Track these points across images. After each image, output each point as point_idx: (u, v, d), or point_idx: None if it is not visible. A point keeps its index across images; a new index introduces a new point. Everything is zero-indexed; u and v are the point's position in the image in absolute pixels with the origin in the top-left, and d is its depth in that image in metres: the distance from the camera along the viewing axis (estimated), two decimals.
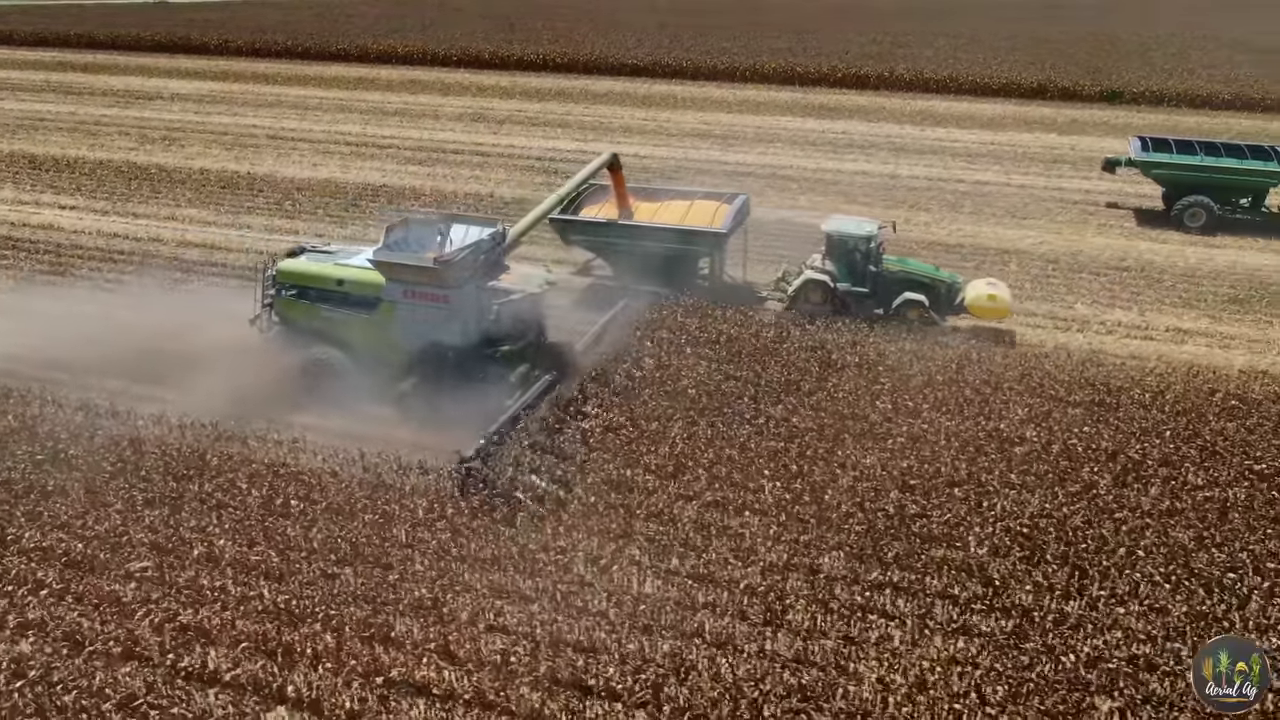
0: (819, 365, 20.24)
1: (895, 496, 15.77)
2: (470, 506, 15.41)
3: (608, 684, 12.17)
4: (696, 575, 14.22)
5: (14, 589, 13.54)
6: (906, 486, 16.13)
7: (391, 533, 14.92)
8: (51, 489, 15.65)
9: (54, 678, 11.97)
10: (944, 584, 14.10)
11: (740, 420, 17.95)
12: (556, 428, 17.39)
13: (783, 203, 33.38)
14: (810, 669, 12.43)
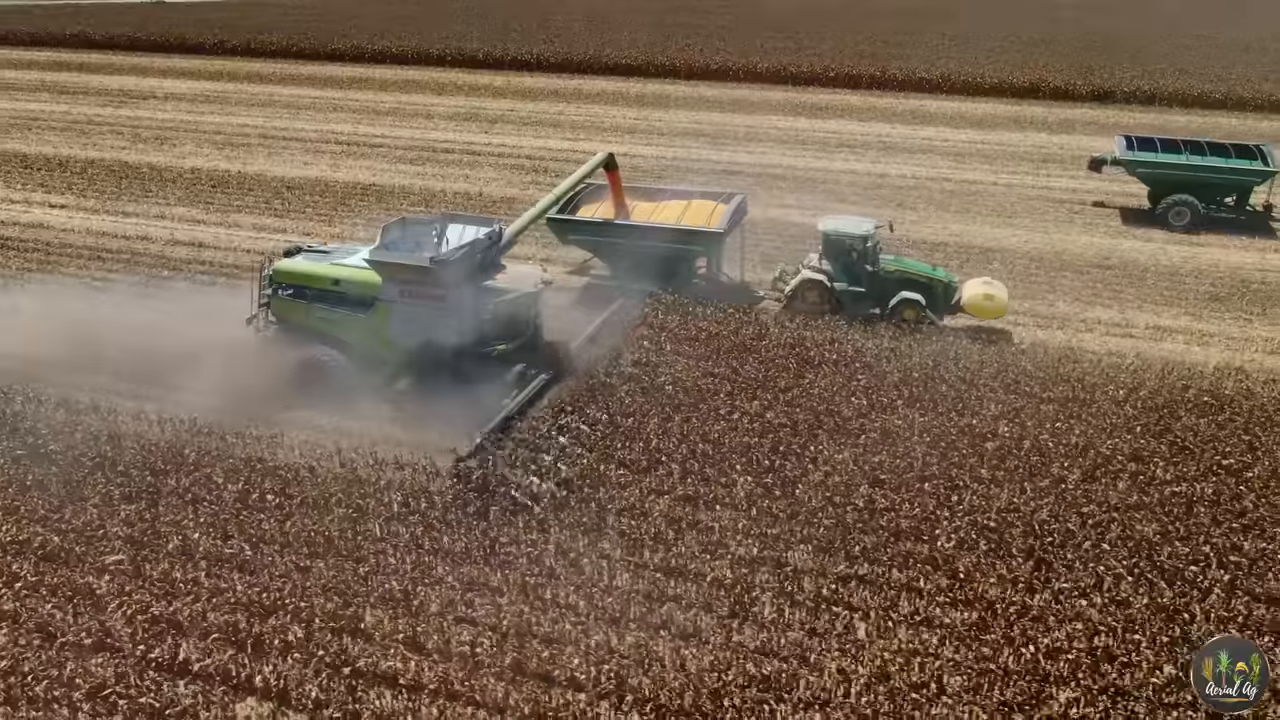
0: (796, 362, 20.39)
1: (865, 491, 15.93)
2: (444, 501, 15.55)
3: (572, 675, 12.32)
4: (666, 569, 14.39)
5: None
6: (877, 481, 16.28)
7: (365, 526, 15.07)
8: (30, 483, 15.80)
9: (25, 668, 12.12)
10: (910, 577, 14.25)
11: (715, 416, 18.06)
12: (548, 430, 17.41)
13: (770, 202, 33.50)
14: (773, 660, 12.58)
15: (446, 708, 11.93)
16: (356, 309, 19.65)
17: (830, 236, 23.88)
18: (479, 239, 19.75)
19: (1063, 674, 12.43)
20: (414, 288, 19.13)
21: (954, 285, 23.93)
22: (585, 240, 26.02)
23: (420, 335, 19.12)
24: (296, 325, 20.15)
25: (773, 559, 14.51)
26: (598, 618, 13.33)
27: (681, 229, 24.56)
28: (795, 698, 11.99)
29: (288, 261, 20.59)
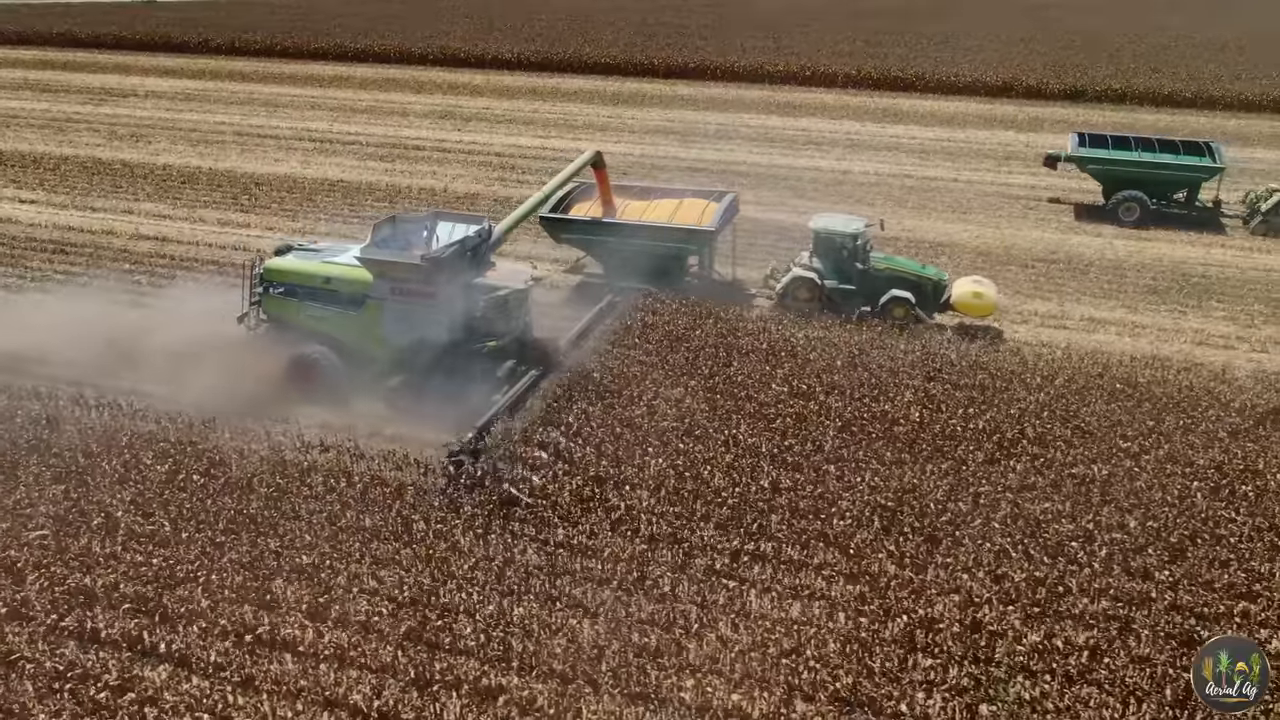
0: (725, 350, 20.92)
1: (771, 472, 16.45)
2: (361, 482, 16.12)
3: (462, 641, 12.89)
4: (570, 545, 14.93)
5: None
6: (785, 463, 16.82)
7: (284, 505, 15.61)
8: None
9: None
10: (804, 554, 14.78)
11: (637, 401, 18.61)
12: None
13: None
14: (658, 630, 13.13)
15: (340, 672, 12.47)
16: (348, 307, 19.87)
17: (821, 234, 24.17)
18: (469, 236, 19.97)
19: (933, 643, 12.95)
20: (405, 285, 19.41)
21: (944, 283, 24.27)
22: (578, 239, 26.23)
23: (411, 332, 19.34)
24: (288, 323, 20.37)
25: (672, 535, 15.03)
26: (497, 590, 13.86)
27: (673, 227, 24.73)
28: (674, 663, 12.52)
29: (279, 260, 20.76)
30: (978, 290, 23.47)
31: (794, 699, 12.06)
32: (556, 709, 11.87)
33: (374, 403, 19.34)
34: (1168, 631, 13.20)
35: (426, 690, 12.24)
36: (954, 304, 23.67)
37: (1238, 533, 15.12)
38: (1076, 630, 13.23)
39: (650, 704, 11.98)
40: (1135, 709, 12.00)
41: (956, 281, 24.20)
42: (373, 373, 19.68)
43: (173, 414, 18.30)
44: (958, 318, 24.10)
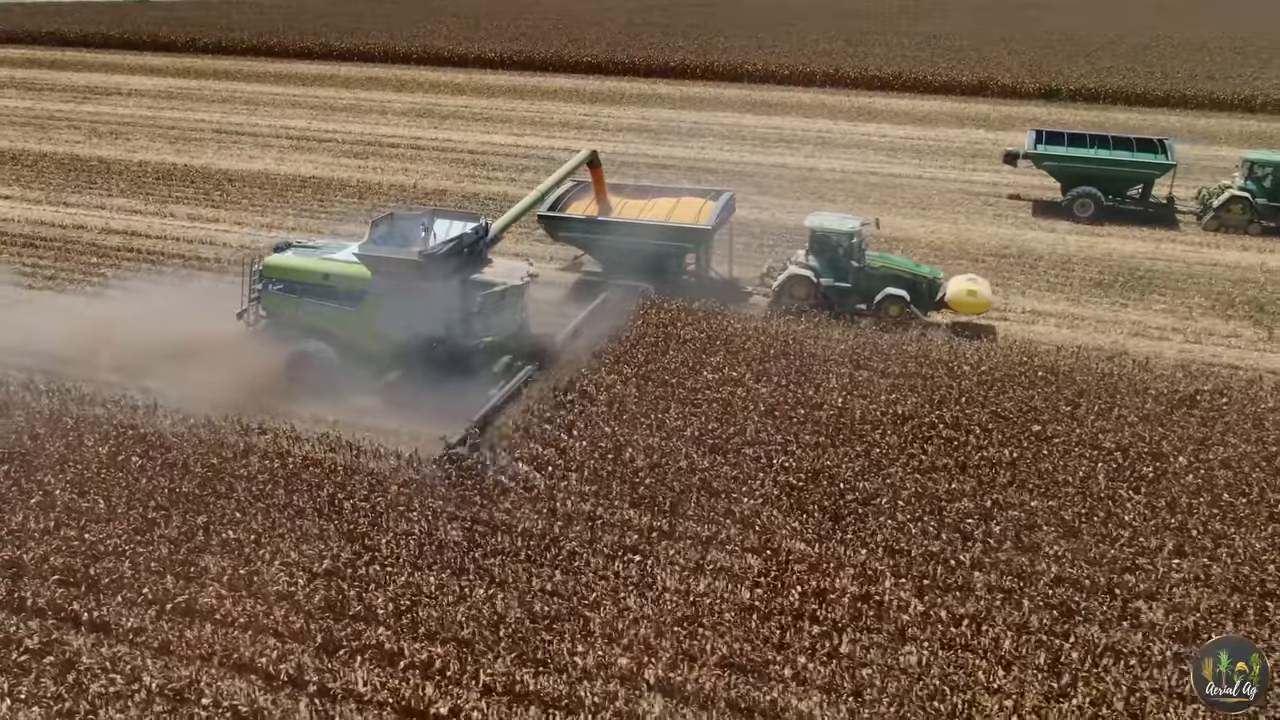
0: (663, 339, 21.49)
1: (689, 453, 17.04)
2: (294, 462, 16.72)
3: (372, 608, 13.50)
4: (485, 521, 15.53)
5: None
6: (705, 445, 17.41)
7: (219, 485, 16.22)
8: None
9: None
10: (712, 530, 15.37)
11: (570, 387, 19.21)
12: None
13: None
14: (557, 599, 13.74)
15: (252, 638, 13.08)
16: (346, 303, 20.11)
17: (817, 233, 24.48)
18: (465, 233, 20.17)
19: (821, 613, 13.56)
20: (402, 281, 19.68)
21: (938, 281, 24.59)
22: (576, 237, 26.27)
23: (408, 328, 19.61)
24: (287, 319, 20.65)
25: (588, 513, 15.62)
26: (412, 563, 14.48)
27: (670, 226, 24.87)
28: (571, 629, 13.13)
29: (278, 257, 20.97)
30: (972, 288, 23.80)
31: (681, 663, 12.63)
32: (453, 670, 12.46)
33: (370, 397, 19.68)
34: (1048, 602, 13.77)
35: (333, 655, 12.82)
36: (949, 302, 23.96)
37: (1132, 511, 15.67)
38: (962, 601, 13.79)
39: (543, 667, 12.56)
40: (1007, 674, 12.56)
41: (951, 280, 24.52)
42: (370, 367, 19.98)
43: (118, 399, 18.84)
44: (952, 316, 24.40)
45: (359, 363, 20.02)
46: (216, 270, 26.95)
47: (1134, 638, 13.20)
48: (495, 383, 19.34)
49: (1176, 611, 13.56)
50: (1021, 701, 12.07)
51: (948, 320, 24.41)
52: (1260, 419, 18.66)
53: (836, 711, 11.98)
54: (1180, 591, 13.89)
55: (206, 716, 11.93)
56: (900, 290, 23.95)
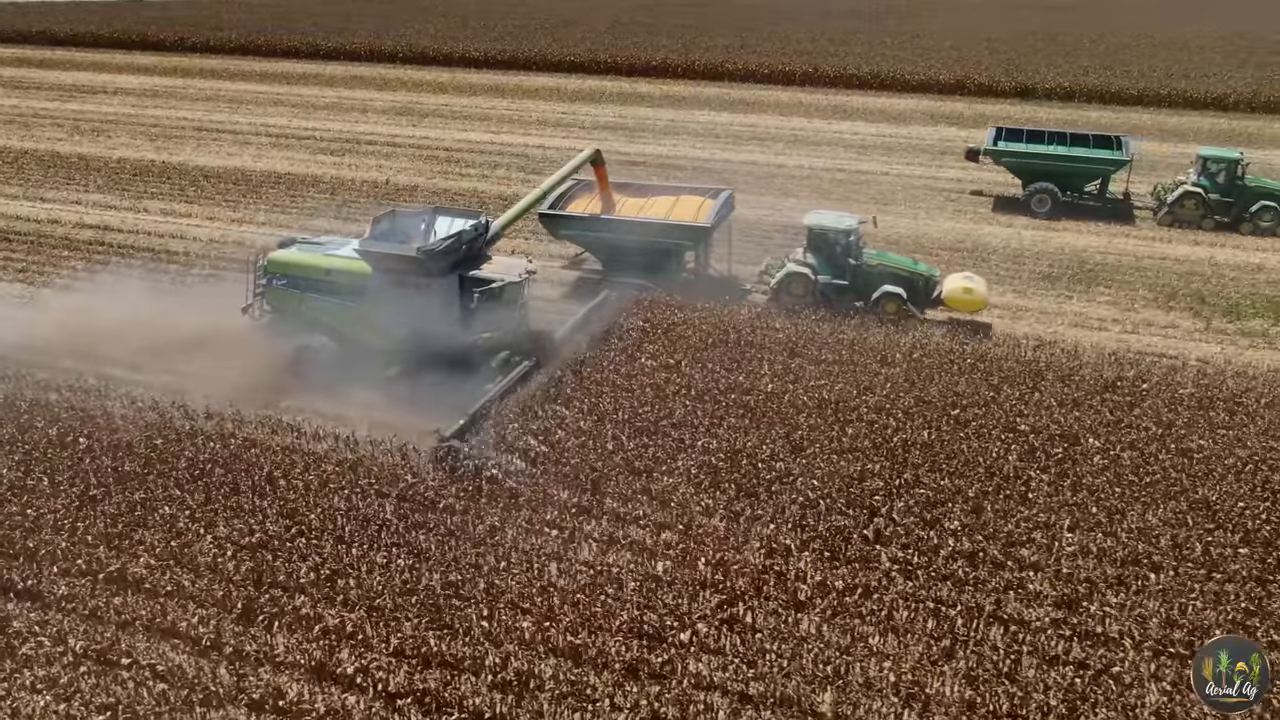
0: (602, 329, 22.09)
1: (614, 435, 17.67)
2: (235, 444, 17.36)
3: (294, 579, 14.16)
4: (413, 498, 16.18)
5: None
6: (632, 428, 18.04)
7: (161, 465, 16.87)
8: None
9: None
10: (629, 507, 16.01)
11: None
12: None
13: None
14: (473, 570, 14.40)
15: (177, 605, 13.74)
16: (347, 298, 20.54)
17: (814, 231, 24.83)
18: (465, 230, 20.50)
19: (725, 583, 14.19)
20: (402, 276, 19.98)
21: (935, 279, 24.92)
22: (577, 235, 26.46)
23: (409, 323, 19.91)
24: (290, 314, 21.07)
25: (509, 491, 16.26)
26: (337, 536, 15.13)
27: (669, 224, 25.08)
28: (479, 596, 13.79)
29: (282, 253, 21.40)
30: (968, 286, 24.14)
31: (581, 629, 13.27)
32: (363, 634, 13.12)
33: (371, 391, 20.03)
34: (942, 574, 14.40)
35: (254, 621, 13.47)
36: (945, 299, 24.31)
37: (1036, 489, 16.28)
38: (859, 572, 14.42)
39: (448, 630, 13.21)
40: (897, 640, 13.20)
41: (947, 278, 24.86)
42: (371, 361, 20.23)
43: (72, 384, 19.49)
44: (948, 313, 24.75)
45: (360, 357, 20.35)
46: (183, 263, 27.71)
47: (1018, 606, 13.78)
48: (493, 378, 19.60)
49: (1060, 581, 14.15)
50: (901, 665, 12.67)
51: (944, 317, 24.74)
52: (1177, 403, 19.25)
53: (724, 672, 12.58)
54: (1068, 563, 14.49)
55: (128, 676, 12.52)
56: (897, 288, 24.16)
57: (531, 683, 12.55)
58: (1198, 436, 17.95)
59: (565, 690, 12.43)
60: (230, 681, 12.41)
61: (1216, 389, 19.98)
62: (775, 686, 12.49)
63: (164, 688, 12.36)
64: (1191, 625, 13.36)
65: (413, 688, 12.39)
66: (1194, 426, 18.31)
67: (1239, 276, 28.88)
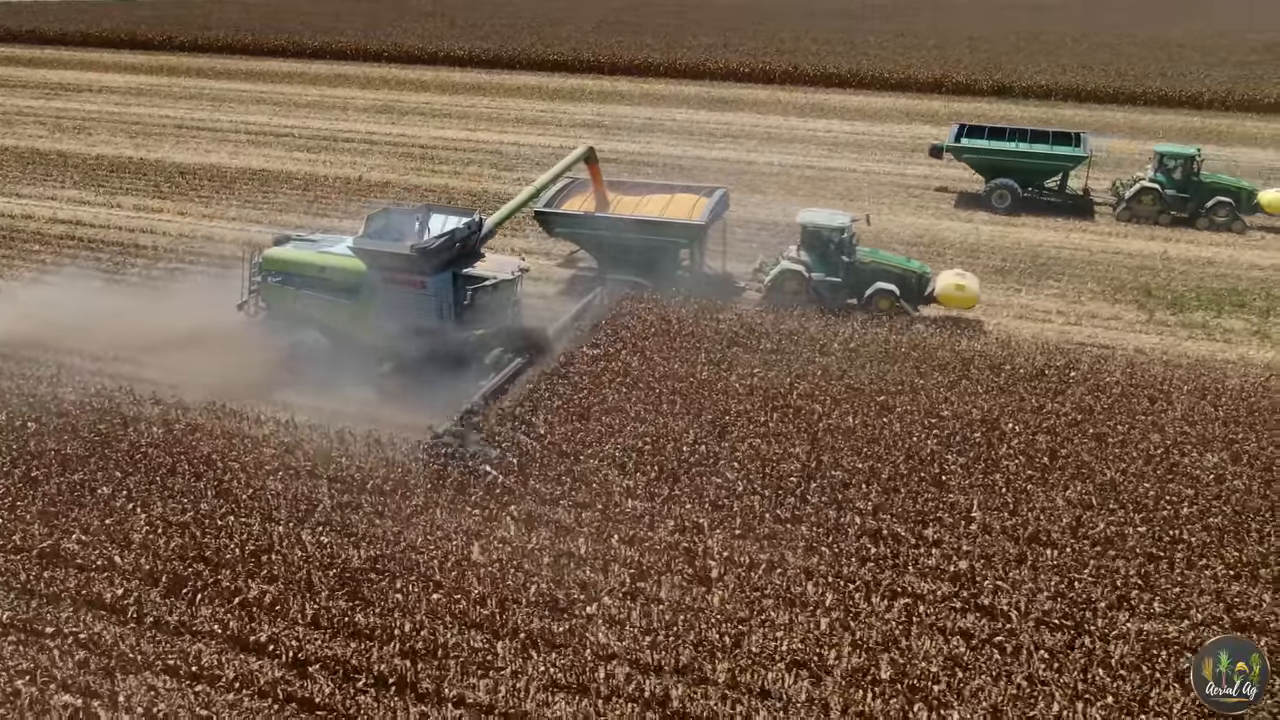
0: None
1: (546, 420, 18.20)
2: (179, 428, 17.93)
3: (221, 554, 14.71)
4: (339, 479, 16.72)
5: None
6: (563, 413, 18.57)
7: (104, 448, 17.41)
8: None
9: None
10: (552, 488, 16.54)
11: None
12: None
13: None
14: (390, 546, 14.95)
15: (105, 578, 14.30)
16: (342, 295, 20.74)
17: (808, 228, 25.11)
18: (459, 228, 20.50)
19: (636, 558, 14.72)
20: (396, 274, 20.20)
21: (927, 276, 25.21)
22: (571, 233, 26.51)
23: (402, 320, 20.23)
24: (285, 311, 21.28)
25: (437, 472, 16.80)
26: (266, 515, 15.68)
27: (664, 221, 25.20)
28: (391, 571, 14.35)
29: (277, 250, 21.57)
30: (960, 283, 24.45)
31: (489, 600, 13.82)
32: (281, 605, 13.67)
33: (364, 388, 20.20)
34: (847, 551, 14.91)
35: (178, 593, 14.02)
36: (937, 296, 24.60)
37: (950, 471, 16.79)
38: (766, 549, 14.95)
39: (359, 602, 13.76)
40: (796, 613, 13.72)
41: (940, 275, 25.17)
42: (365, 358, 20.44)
43: (25, 372, 20.05)
44: (941, 310, 25.07)
45: (353, 353, 20.47)
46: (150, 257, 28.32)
47: (914, 580, 14.30)
48: (486, 374, 19.72)
49: (959, 557, 14.66)
50: (792, 636, 13.19)
51: (937, 314, 25.05)
52: (1101, 391, 19.75)
53: (621, 640, 13.11)
54: (966, 542, 15.00)
55: (52, 645, 13.07)
56: (890, 285, 24.45)
57: (439, 651, 13.05)
58: (1115, 422, 18.44)
59: (470, 658, 12.93)
60: (148, 649, 12.92)
61: (1142, 377, 20.47)
62: (673, 656, 12.98)
63: (84, 655, 12.89)
64: (1076, 598, 13.85)
65: (323, 655, 12.90)
66: (1113, 413, 18.80)
67: (1188, 270, 29.37)
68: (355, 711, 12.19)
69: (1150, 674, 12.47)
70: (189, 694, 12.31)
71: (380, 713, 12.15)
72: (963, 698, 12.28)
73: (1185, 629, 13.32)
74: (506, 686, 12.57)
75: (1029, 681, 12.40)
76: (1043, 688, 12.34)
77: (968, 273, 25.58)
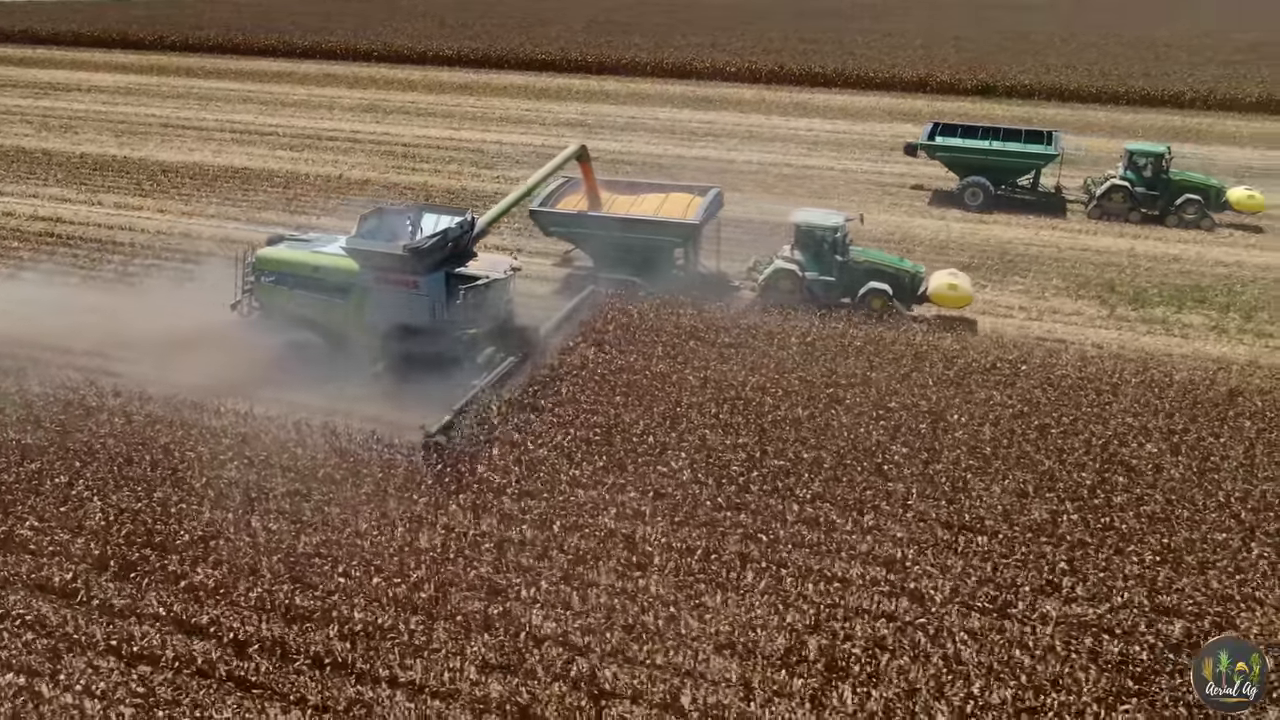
0: None
1: (501, 409, 18.54)
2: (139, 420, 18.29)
3: (176, 542, 15.06)
4: (284, 467, 17.06)
5: None
6: (517, 405, 18.91)
7: (64, 439, 17.75)
8: None
9: None
10: (501, 476, 16.88)
11: None
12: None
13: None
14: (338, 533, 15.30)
15: (60, 563, 14.65)
16: (335, 294, 20.78)
17: (802, 228, 25.31)
18: (451, 228, 20.58)
19: (575, 545, 15.07)
20: (389, 273, 20.28)
21: (920, 276, 25.38)
22: (566, 232, 26.60)
23: (395, 319, 20.33)
24: (279, 310, 21.34)
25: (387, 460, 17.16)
26: (214, 503, 16.03)
27: (658, 220, 25.35)
28: (337, 555, 14.71)
29: (270, 250, 21.66)
30: (953, 283, 24.67)
31: (428, 584, 14.17)
32: (224, 589, 14.03)
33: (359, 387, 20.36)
34: (783, 537, 15.25)
35: (126, 578, 14.37)
36: (930, 296, 24.82)
37: (891, 462, 17.12)
38: (705, 536, 15.28)
39: (301, 584, 14.12)
40: (731, 598, 14.07)
41: (933, 275, 25.38)
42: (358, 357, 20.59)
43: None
44: (934, 310, 25.28)
45: (347, 353, 20.72)
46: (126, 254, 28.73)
47: (845, 566, 14.64)
48: (478, 373, 19.88)
49: (892, 543, 15.00)
50: (721, 619, 13.53)
51: (930, 314, 25.29)
52: (1049, 384, 20.08)
53: (555, 625, 13.46)
54: (899, 527, 15.33)
55: (0, 628, 13.42)
56: (883, 284, 24.53)
57: (376, 634, 13.39)
58: (1060, 414, 18.77)
59: (407, 640, 13.26)
60: (93, 631, 13.27)
61: (1093, 371, 20.80)
62: (605, 639, 13.31)
63: (31, 636, 13.23)
64: (1003, 582, 14.18)
65: (262, 637, 13.24)
66: (1059, 405, 19.13)
67: (1154, 267, 29.69)
68: (289, 689, 12.50)
69: (1066, 655, 12.78)
70: (129, 673, 12.62)
71: (315, 691, 12.46)
72: (883, 678, 12.59)
73: (1105, 612, 13.64)
74: (441, 666, 12.88)
75: (946, 661, 12.71)
76: (960, 667, 12.65)
77: (960, 272, 25.74)
